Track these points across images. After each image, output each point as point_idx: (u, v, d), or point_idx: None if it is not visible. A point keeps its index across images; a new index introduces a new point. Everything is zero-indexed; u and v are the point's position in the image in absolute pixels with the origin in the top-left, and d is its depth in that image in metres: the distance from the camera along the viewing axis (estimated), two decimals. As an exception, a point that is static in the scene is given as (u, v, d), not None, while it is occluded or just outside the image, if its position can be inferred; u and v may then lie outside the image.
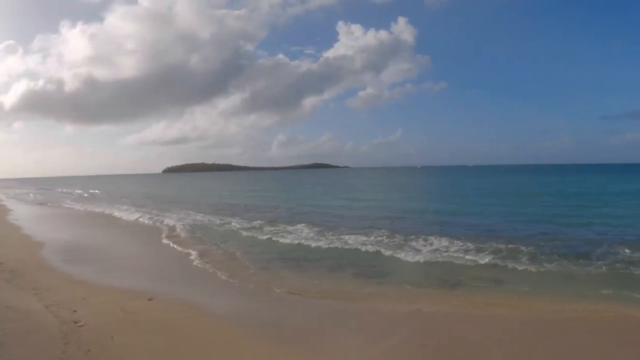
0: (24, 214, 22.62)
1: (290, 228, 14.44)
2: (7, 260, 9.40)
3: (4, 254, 10.15)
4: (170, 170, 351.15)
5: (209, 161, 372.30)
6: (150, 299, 6.91)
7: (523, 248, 10.07)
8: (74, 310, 6.18)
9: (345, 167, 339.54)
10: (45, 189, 61.49)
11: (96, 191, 48.49)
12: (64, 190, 49.23)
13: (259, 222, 16.43)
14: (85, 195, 42.68)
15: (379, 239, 12.02)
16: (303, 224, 14.99)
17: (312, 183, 54.75)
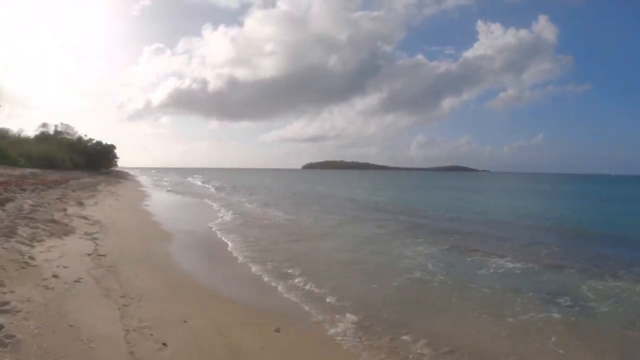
0: (160, 202, 25.28)
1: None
2: (115, 250, 9.38)
3: (117, 243, 10.35)
4: (310, 167, 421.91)
5: (348, 159, 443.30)
6: (277, 330, 5.77)
7: None
8: (163, 344, 4.83)
9: (484, 171, 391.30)
10: (189, 177, 76.61)
11: (239, 184, 54.11)
12: (214, 184, 55.52)
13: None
14: (227, 186, 46.83)
15: None
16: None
17: (469, 189, 50.98)
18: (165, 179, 69.01)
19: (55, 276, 6.48)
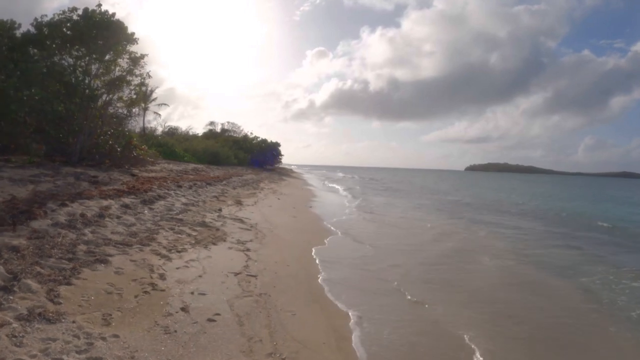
0: (328, 203, 24.49)
1: None
2: (270, 268, 8.52)
3: (273, 257, 9.51)
4: (472, 169, 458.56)
5: (512, 162, 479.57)
6: None
7: None
8: None
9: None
10: (353, 177, 77.72)
11: (408, 186, 52.22)
12: (384, 184, 54.59)
13: None
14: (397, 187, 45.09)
15: None
16: None
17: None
18: (329, 176, 71.32)
19: (184, 309, 5.50)
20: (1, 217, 7.99)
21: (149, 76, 22.36)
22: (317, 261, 9.53)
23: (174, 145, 43.77)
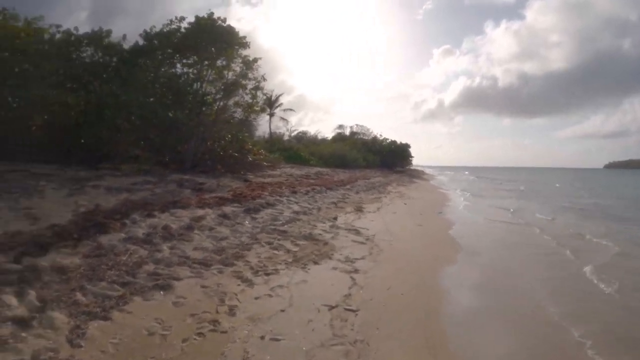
0: (464, 212, 21.17)
1: None
2: (377, 299, 6.69)
3: (385, 283, 7.58)
4: (612, 166, 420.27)
5: None
6: None
7: None
8: None
9: None
10: (487, 178, 72.39)
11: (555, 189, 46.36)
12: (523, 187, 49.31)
13: None
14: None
15: None
16: None
17: None
18: (460, 178, 67.59)
19: (246, 363, 4.05)
20: (67, 231, 7.29)
21: (264, 79, 22.22)
22: (442, 290, 7.34)
23: (300, 150, 44.28)
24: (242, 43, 20.93)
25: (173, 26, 20.68)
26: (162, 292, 5.71)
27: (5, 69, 15.44)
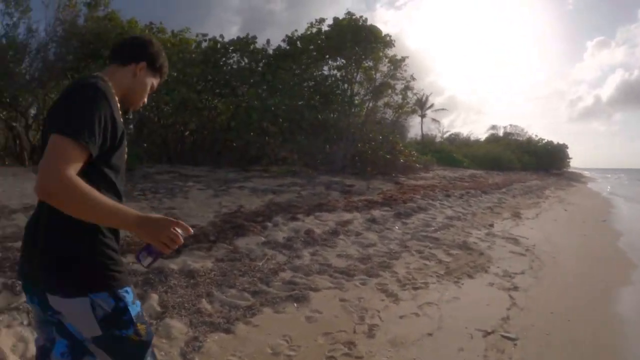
0: (631, 217, 18.47)
1: None
2: (542, 326, 5.47)
3: (550, 304, 6.29)
4: None
5: None
6: None
7: None
8: None
9: None
10: None
11: None
12: None
13: None
14: None
15: None
16: None
17: None
18: (624, 182, 60.36)
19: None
20: (204, 232, 7.10)
21: (413, 78, 21.72)
22: (615, 319, 5.88)
23: (452, 151, 43.43)
24: (387, 42, 20.56)
25: (314, 29, 20.94)
26: (295, 305, 5.17)
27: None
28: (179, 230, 1.86)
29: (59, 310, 2.00)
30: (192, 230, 1.93)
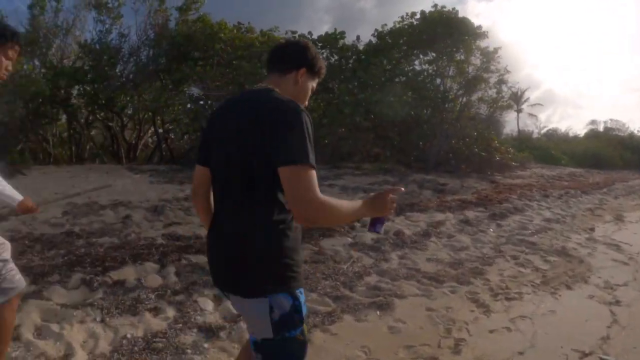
0: None
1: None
2: None
3: None
4: None
5: None
6: None
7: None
8: None
9: None
10: None
11: None
12: None
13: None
14: None
15: None
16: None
17: None
18: None
19: None
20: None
21: (507, 71, 20.80)
22: None
23: (550, 148, 41.62)
24: (479, 33, 19.82)
25: (405, 22, 20.58)
26: (378, 312, 5.09)
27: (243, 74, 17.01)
28: (393, 196, 2.21)
29: (237, 310, 2.34)
30: (402, 188, 2.29)
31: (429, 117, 19.76)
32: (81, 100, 18.05)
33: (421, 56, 20.61)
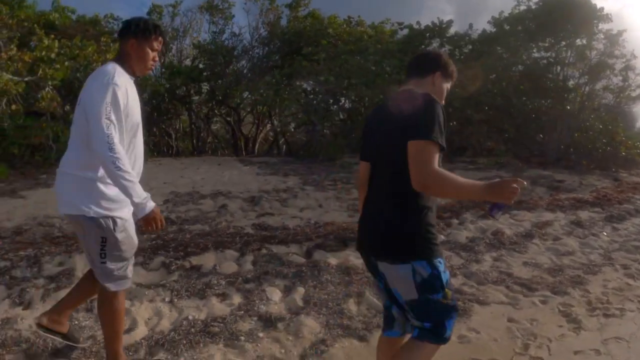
0: None
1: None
2: None
3: None
4: None
5: None
6: None
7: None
8: None
9: None
10: None
11: None
12: None
13: None
14: None
15: None
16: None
17: None
18: None
19: None
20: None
21: (634, 56, 18.52)
22: None
23: None
24: (602, 16, 17.87)
25: (522, 7, 19.25)
26: (463, 319, 4.75)
27: (350, 69, 16.98)
28: (516, 185, 2.28)
29: (384, 275, 2.59)
30: (525, 183, 2.36)
31: (549, 108, 18.49)
32: (199, 97, 19.11)
33: (540, 43, 19.04)
